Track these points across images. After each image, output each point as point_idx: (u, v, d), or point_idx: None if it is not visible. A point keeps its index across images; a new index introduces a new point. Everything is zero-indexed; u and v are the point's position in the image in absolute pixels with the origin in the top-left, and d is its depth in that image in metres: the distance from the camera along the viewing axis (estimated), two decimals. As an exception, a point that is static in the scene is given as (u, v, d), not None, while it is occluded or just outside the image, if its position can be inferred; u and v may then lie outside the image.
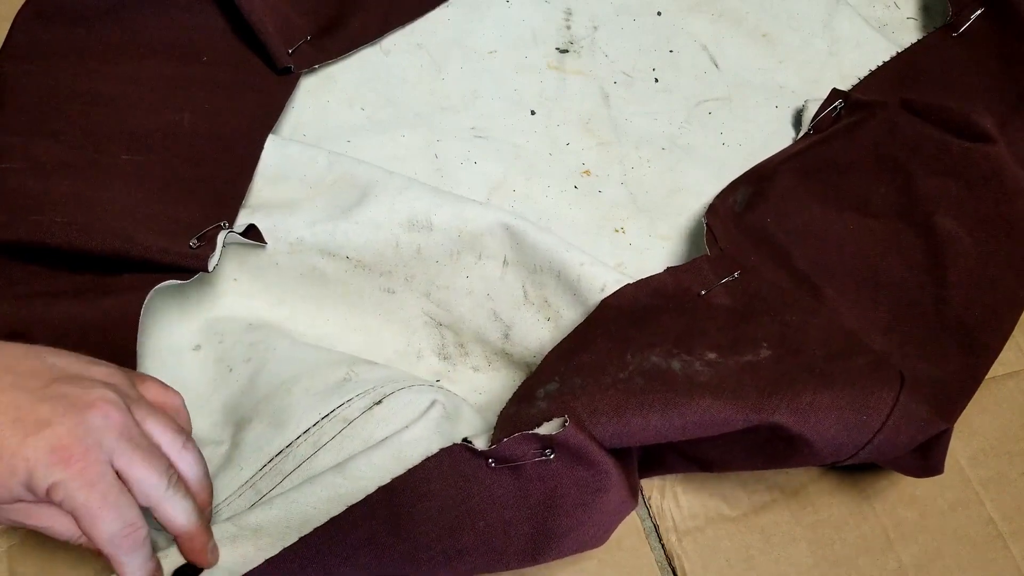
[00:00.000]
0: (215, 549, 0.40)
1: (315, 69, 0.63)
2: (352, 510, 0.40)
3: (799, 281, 0.54)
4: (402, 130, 0.61)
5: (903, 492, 0.52)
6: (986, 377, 0.57)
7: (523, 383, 0.48)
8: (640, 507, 0.50)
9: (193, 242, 0.49)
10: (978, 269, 0.54)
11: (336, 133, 0.61)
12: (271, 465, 0.45)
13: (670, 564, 0.49)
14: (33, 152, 0.52)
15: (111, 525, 0.35)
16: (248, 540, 0.40)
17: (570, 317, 0.52)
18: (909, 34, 0.73)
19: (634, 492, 0.46)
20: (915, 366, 0.51)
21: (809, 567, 0.49)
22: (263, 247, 0.52)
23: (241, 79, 0.61)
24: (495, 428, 0.45)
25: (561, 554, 0.44)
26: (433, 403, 0.46)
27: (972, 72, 0.66)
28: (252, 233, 0.51)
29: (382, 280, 0.54)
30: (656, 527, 0.50)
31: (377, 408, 0.46)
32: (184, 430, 0.40)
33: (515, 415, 0.45)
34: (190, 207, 0.52)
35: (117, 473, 0.36)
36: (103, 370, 0.39)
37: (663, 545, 0.49)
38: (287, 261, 0.53)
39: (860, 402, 0.44)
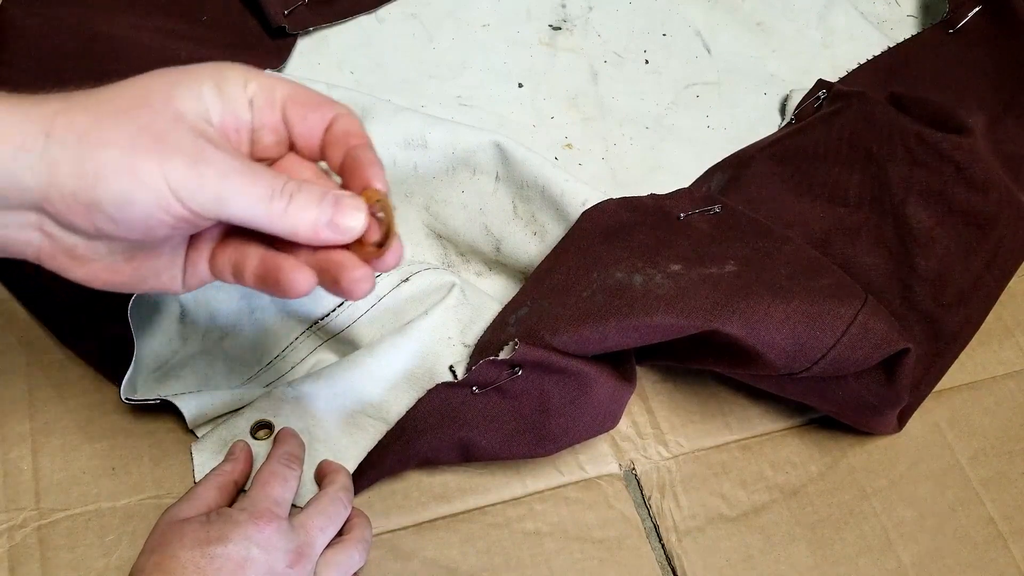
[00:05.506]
0: None
1: (309, 31, 0.64)
2: (371, 453, 0.47)
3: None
4: (388, 95, 0.62)
5: (903, 492, 0.52)
6: (986, 377, 0.57)
7: (500, 310, 0.51)
8: (640, 507, 0.50)
9: None
10: (947, 258, 0.53)
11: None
12: (311, 330, 0.52)
13: (670, 564, 0.48)
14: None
15: None
16: (305, 400, 0.48)
17: (554, 233, 0.54)
18: (908, 31, 0.72)
19: (628, 378, 0.49)
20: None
21: (809, 567, 0.49)
22: None
23: (239, 39, 0.62)
24: (471, 356, 0.49)
25: (572, 443, 0.48)
26: (453, 286, 0.50)
27: (966, 69, 0.66)
28: None
29: None
30: (656, 527, 0.49)
31: (405, 285, 0.50)
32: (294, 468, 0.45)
33: (488, 342, 0.48)
34: None
35: None
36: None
37: (663, 545, 0.49)
38: None
39: (815, 318, 0.45)
